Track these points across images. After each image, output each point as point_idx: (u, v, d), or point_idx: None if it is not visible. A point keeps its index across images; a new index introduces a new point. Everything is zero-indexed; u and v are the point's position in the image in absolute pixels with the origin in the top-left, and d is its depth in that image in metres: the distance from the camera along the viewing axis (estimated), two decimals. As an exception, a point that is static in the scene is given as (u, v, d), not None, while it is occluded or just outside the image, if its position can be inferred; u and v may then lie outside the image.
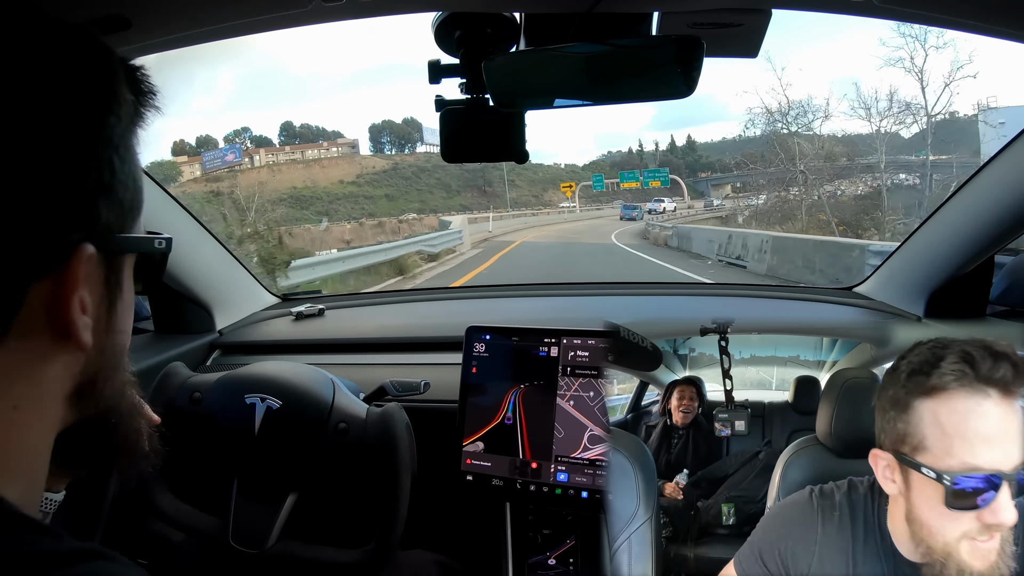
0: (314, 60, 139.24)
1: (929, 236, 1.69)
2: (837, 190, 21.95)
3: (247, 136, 71.79)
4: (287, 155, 68.96)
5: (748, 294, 2.21)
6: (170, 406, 1.33)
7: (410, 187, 69.30)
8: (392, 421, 1.26)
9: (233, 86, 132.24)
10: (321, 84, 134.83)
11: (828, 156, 22.90)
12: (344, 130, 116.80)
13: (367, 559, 1.24)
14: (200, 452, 1.37)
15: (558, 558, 1.41)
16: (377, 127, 77.30)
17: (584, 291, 2.41)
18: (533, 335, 1.43)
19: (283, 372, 1.33)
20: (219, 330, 2.00)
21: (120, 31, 1.02)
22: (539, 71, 1.08)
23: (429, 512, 1.50)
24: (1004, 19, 1.01)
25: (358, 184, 67.64)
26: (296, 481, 1.29)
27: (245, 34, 1.13)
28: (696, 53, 1.00)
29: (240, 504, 1.29)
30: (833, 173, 22.56)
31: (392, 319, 2.25)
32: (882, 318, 1.79)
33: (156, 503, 1.33)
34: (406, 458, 1.24)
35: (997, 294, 1.65)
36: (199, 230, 1.88)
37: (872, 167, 21.10)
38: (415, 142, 76.07)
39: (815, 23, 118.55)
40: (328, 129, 76.40)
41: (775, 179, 23.06)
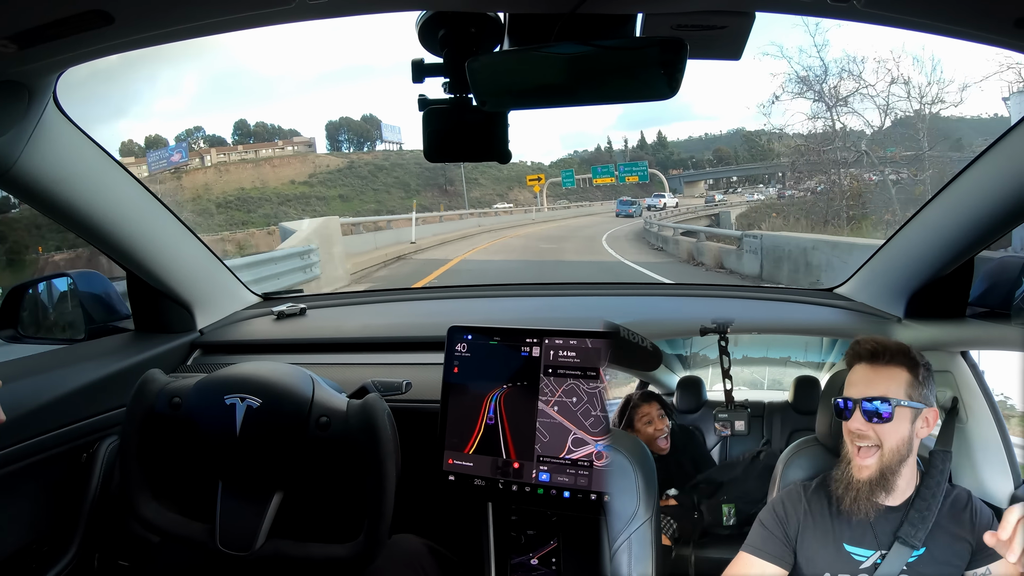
0: (281, 61, 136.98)
1: (910, 237, 1.70)
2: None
3: (200, 135, 66.44)
4: (240, 154, 64.01)
5: (727, 295, 2.21)
6: (150, 412, 1.32)
7: (366, 187, 65.00)
8: (373, 411, 1.25)
9: (198, 87, 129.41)
10: (287, 85, 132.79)
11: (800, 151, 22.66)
12: (304, 129, 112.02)
13: (358, 552, 1.23)
14: (183, 457, 1.37)
15: (541, 559, 1.41)
16: (335, 124, 72.55)
17: (573, 291, 2.40)
18: (515, 335, 1.43)
19: (261, 371, 1.32)
20: (200, 329, 1.99)
21: (102, 27, 1.01)
22: (523, 71, 1.09)
23: (419, 502, 1.50)
24: (984, 24, 1.02)
25: (311, 184, 63.16)
26: (281, 479, 1.29)
27: (229, 31, 1.13)
28: (679, 55, 1.00)
29: (226, 507, 1.28)
30: (809, 169, 22.35)
31: (374, 319, 2.24)
32: (862, 319, 1.81)
33: (141, 513, 1.32)
34: (389, 447, 1.24)
35: (977, 295, 1.66)
36: (180, 228, 1.87)
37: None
38: (374, 140, 71.57)
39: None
40: (285, 127, 70.82)
41: (754, 176, 22.77)
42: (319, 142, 70.42)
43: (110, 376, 1.64)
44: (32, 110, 1.29)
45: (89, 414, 1.58)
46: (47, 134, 1.37)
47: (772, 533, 1.16)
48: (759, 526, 1.18)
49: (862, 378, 1.13)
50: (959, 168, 1.49)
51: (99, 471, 1.61)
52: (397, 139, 69.90)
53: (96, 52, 1.14)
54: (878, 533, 1.11)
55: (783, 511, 1.17)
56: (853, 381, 1.14)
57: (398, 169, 67.74)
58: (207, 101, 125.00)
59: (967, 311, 1.66)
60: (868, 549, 1.11)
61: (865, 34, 25.42)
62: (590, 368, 1.36)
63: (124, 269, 1.82)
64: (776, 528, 1.16)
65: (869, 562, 1.10)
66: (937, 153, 19.82)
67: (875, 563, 1.10)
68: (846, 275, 2.00)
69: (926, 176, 19.01)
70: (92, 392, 1.59)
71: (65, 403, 1.53)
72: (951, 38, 1.07)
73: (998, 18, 0.99)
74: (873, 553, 1.10)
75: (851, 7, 0.98)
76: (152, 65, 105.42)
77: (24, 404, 1.44)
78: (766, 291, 2.21)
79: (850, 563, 1.11)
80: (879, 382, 1.11)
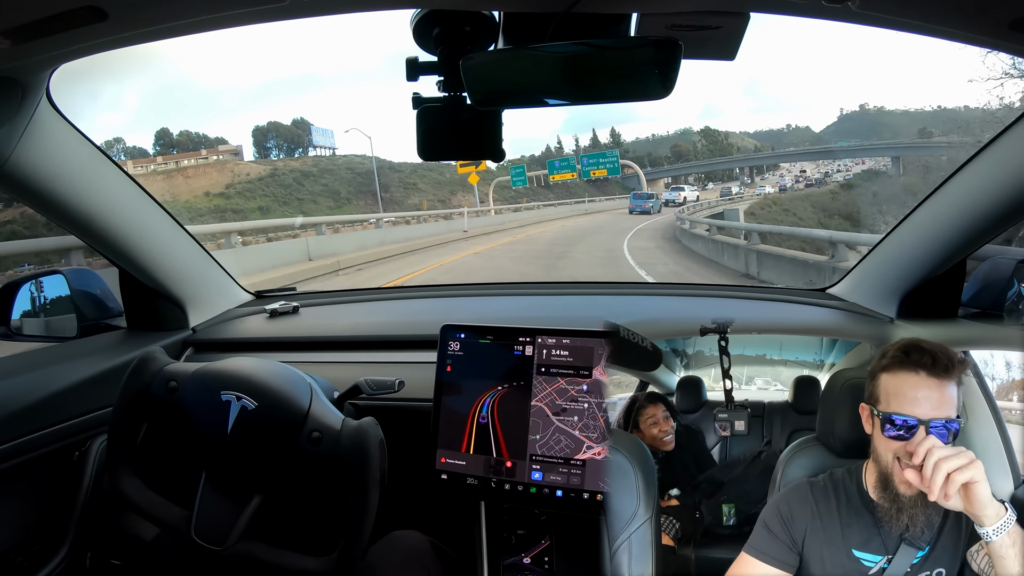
0: (221, 71, 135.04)
1: (902, 238, 1.71)
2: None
3: (120, 147, 59.83)
4: (160, 166, 57.51)
5: (722, 295, 2.21)
6: (144, 392, 1.31)
7: (290, 196, 57.49)
8: (366, 436, 1.24)
9: (139, 101, 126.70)
10: (227, 94, 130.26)
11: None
12: (234, 137, 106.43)
13: (329, 568, 1.23)
14: (170, 441, 1.36)
15: (533, 558, 1.41)
16: (262, 130, 64.41)
17: (571, 291, 2.40)
18: (508, 334, 1.43)
19: (261, 372, 1.31)
20: (192, 327, 1.98)
21: (96, 23, 1.01)
22: (517, 70, 1.08)
23: (421, 499, 1.50)
24: (979, 26, 1.03)
25: (227, 196, 55.56)
26: (263, 483, 1.28)
27: (222, 28, 1.12)
28: (674, 54, 1.00)
29: (206, 499, 1.27)
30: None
31: (367, 317, 2.24)
32: (854, 319, 1.81)
33: (121, 488, 1.31)
34: (376, 474, 1.22)
35: (969, 296, 1.67)
36: (173, 226, 1.86)
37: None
38: (305, 146, 64.63)
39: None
40: (212, 136, 64.82)
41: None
42: (246, 150, 63.67)
43: (102, 374, 1.64)
44: (25, 106, 1.29)
45: (81, 412, 1.57)
46: (40, 130, 1.36)
47: (776, 536, 1.15)
48: (762, 528, 1.17)
49: (924, 393, 1.05)
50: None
51: (91, 470, 1.61)
52: (329, 144, 64.40)
53: (89, 48, 1.13)
54: (885, 537, 1.10)
55: (788, 511, 1.15)
56: (911, 395, 1.06)
57: (328, 176, 61.87)
58: (139, 113, 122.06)
59: (959, 312, 1.67)
60: (876, 554, 1.10)
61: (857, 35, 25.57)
62: (583, 367, 1.36)
63: (117, 267, 1.81)
64: (780, 531, 1.15)
65: (876, 567, 1.10)
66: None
67: (882, 568, 1.10)
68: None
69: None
70: (84, 390, 1.59)
71: (57, 401, 1.53)
72: (946, 40, 1.07)
73: (993, 20, 1.00)
74: (880, 558, 1.10)
75: (846, 8, 0.98)
76: (92, 81, 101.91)
77: (15, 402, 1.44)
78: (760, 291, 2.21)
79: (858, 568, 1.11)
80: (943, 399, 1.05)
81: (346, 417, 1.29)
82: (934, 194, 1.56)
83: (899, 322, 1.69)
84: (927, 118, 23.88)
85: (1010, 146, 1.36)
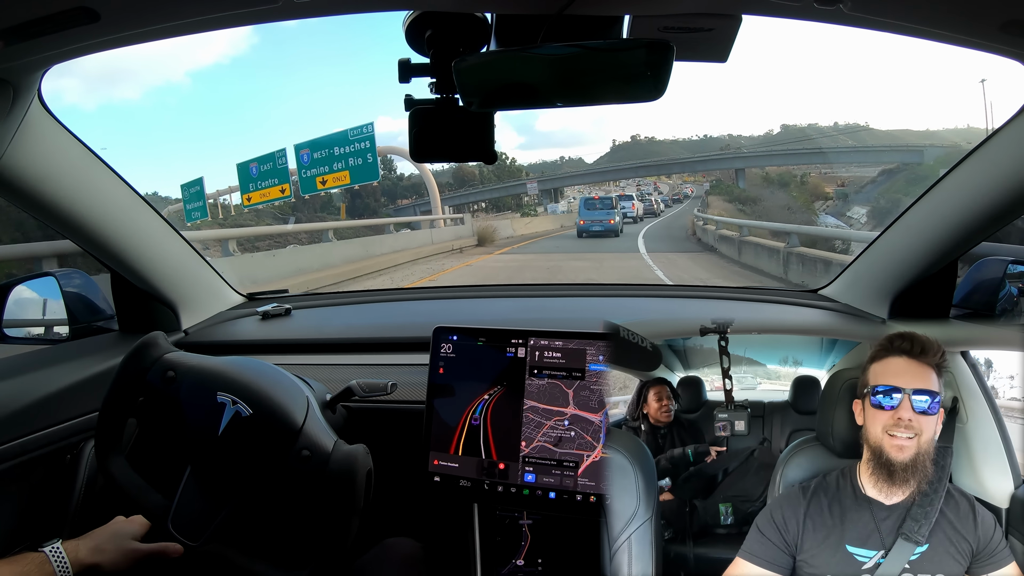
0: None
1: (893, 240, 1.72)
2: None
3: None
4: None
5: (717, 296, 2.22)
6: (141, 376, 1.29)
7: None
8: (355, 465, 1.22)
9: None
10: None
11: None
12: None
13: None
14: (160, 430, 1.34)
15: (527, 560, 1.41)
16: None
17: (567, 292, 2.40)
18: (500, 336, 1.43)
19: (261, 379, 1.30)
20: (185, 329, 1.97)
21: (88, 24, 1.01)
22: (509, 72, 1.09)
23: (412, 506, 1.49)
24: (970, 28, 1.03)
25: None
26: (245, 490, 1.26)
27: (215, 29, 1.12)
28: (666, 57, 1.00)
29: (187, 492, 1.26)
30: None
31: (360, 319, 2.24)
32: (846, 320, 1.82)
33: (106, 466, 1.30)
34: (359, 504, 1.21)
35: (960, 297, 1.68)
36: (165, 228, 1.85)
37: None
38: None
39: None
40: None
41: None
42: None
43: (94, 377, 1.63)
44: (16, 107, 1.28)
45: (73, 415, 1.56)
46: (32, 131, 1.35)
47: (769, 540, 1.16)
48: (756, 532, 1.18)
49: (906, 370, 1.13)
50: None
51: (83, 472, 1.60)
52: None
53: (82, 49, 1.13)
54: (882, 532, 1.12)
55: (782, 517, 1.17)
56: (894, 372, 1.14)
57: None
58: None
59: (951, 312, 1.68)
60: (871, 549, 1.12)
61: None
62: (576, 369, 1.36)
63: (108, 269, 1.80)
64: (774, 535, 1.16)
65: (871, 562, 1.11)
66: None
67: (877, 563, 1.11)
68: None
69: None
70: (76, 393, 1.58)
71: (48, 404, 1.52)
72: (937, 42, 1.08)
73: (984, 22, 1.00)
74: (876, 553, 1.11)
75: (838, 11, 0.99)
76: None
77: (7, 405, 1.43)
78: (754, 292, 2.21)
79: (852, 564, 1.12)
80: (924, 375, 1.12)
81: (339, 440, 1.28)
82: (925, 195, 1.57)
83: (891, 323, 1.69)
84: (694, 145, 24.22)
85: (1001, 147, 1.37)
